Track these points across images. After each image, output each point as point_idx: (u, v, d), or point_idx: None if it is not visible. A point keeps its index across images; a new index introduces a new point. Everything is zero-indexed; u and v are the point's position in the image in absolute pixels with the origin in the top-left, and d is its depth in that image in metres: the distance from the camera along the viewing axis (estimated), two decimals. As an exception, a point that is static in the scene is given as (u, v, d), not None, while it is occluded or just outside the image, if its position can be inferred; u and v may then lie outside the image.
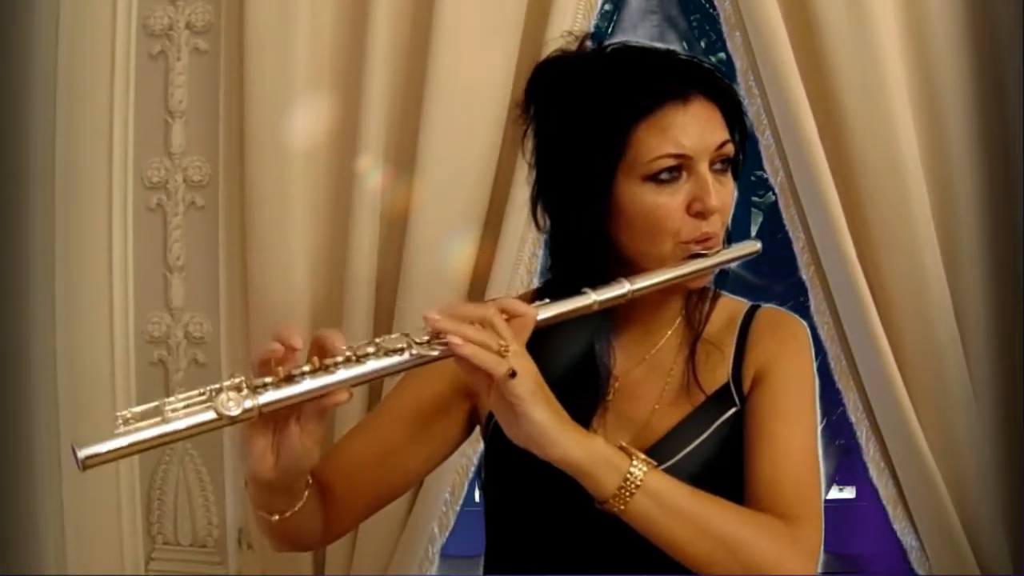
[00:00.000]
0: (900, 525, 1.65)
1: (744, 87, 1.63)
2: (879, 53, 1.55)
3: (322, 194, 1.67)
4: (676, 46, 1.84)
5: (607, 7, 1.87)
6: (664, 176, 1.02)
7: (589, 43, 1.09)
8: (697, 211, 1.03)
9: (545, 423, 0.94)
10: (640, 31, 1.95)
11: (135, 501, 1.80)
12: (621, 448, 0.98)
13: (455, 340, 0.91)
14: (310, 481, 1.03)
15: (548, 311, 1.00)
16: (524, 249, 1.61)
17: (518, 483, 1.11)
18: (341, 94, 1.65)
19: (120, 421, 0.85)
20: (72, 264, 1.76)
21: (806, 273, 1.64)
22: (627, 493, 0.95)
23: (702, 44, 1.98)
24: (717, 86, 1.06)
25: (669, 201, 1.03)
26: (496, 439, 1.13)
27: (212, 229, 1.75)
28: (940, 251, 1.58)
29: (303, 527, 1.06)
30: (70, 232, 1.76)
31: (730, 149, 1.06)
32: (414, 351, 0.92)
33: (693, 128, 1.02)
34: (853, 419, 1.65)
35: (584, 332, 1.08)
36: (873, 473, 1.64)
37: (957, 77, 1.60)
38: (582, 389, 1.08)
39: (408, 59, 1.63)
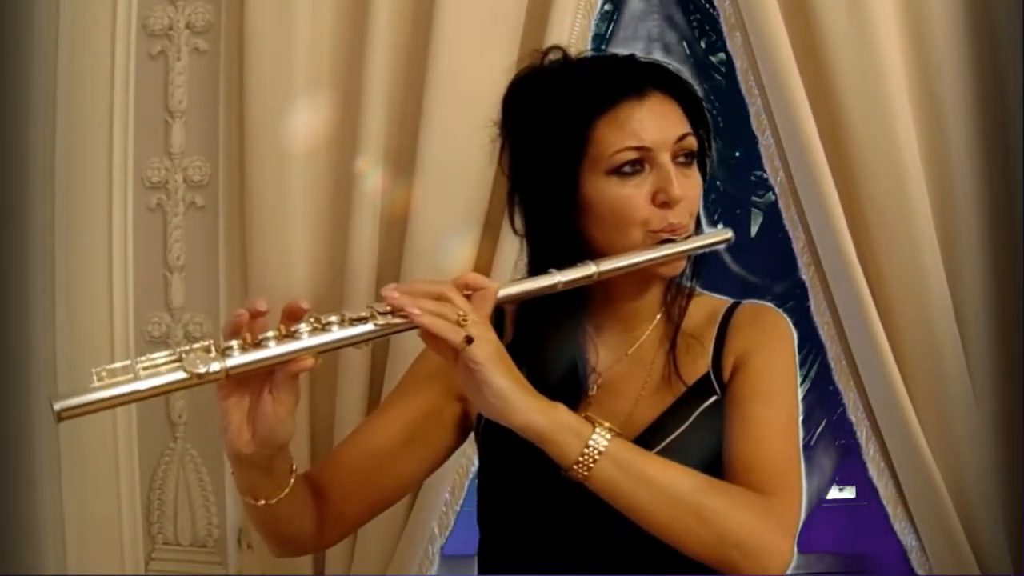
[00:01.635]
0: (900, 525, 1.65)
1: (744, 87, 1.63)
2: (879, 53, 1.55)
3: (322, 194, 1.67)
4: (676, 46, 1.84)
5: (607, 7, 1.87)
6: (627, 169, 1.06)
7: (554, 55, 1.13)
8: (662, 201, 1.06)
9: (505, 389, 0.96)
10: (640, 31, 1.95)
11: (135, 501, 1.80)
12: (586, 418, 0.99)
13: (413, 310, 0.94)
14: (294, 468, 1.05)
15: (512, 288, 1.02)
16: (524, 248, 1.60)
17: (509, 483, 1.12)
18: (341, 94, 1.65)
19: (95, 378, 0.89)
20: (72, 264, 1.76)
21: (806, 273, 1.64)
22: (590, 459, 0.97)
23: (702, 44, 1.97)
24: (674, 83, 1.10)
25: (634, 193, 1.06)
26: (487, 440, 1.15)
27: (212, 229, 1.75)
28: (940, 251, 1.58)
29: (293, 521, 1.08)
30: (70, 232, 1.76)
31: (692, 142, 1.09)
32: (379, 321, 0.95)
33: (650, 121, 1.06)
34: (853, 419, 1.65)
35: (566, 330, 1.10)
36: (873, 473, 1.64)
37: (957, 77, 1.60)
38: (565, 386, 1.09)
39: (408, 59, 1.63)
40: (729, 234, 1.13)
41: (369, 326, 0.95)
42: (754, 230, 2.00)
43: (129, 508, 1.79)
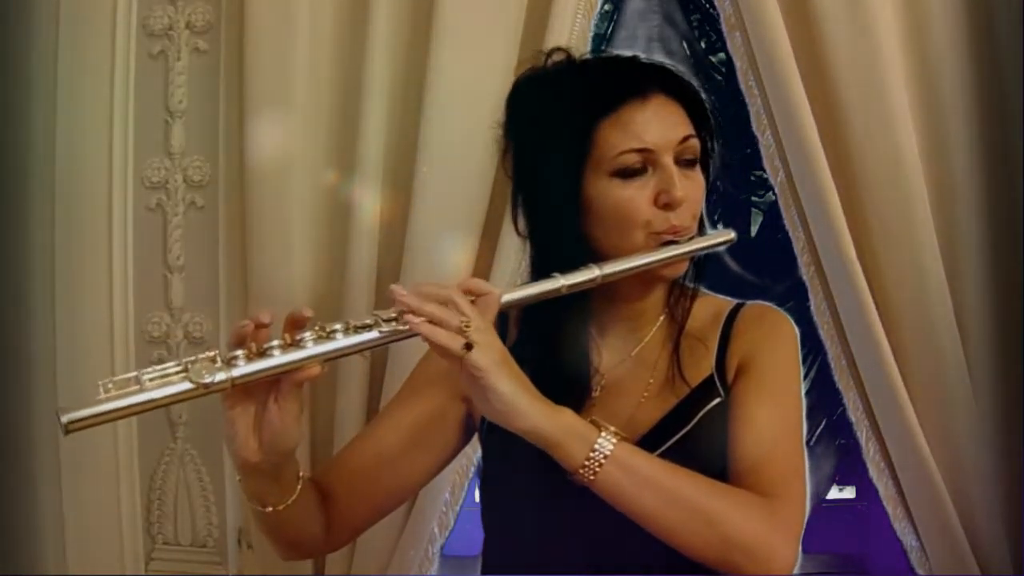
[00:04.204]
0: (900, 525, 1.65)
1: (744, 87, 1.63)
2: (879, 53, 1.55)
3: (322, 194, 1.67)
4: (676, 46, 1.84)
5: (607, 7, 1.87)
6: (630, 170, 1.06)
7: (557, 56, 1.13)
8: (664, 203, 1.06)
9: (510, 394, 0.96)
10: (640, 31, 1.95)
11: (135, 501, 1.80)
12: (592, 422, 0.99)
13: (412, 319, 0.94)
14: (301, 474, 1.05)
15: (515, 293, 1.02)
16: (524, 248, 1.60)
17: (513, 484, 1.12)
18: (341, 94, 1.65)
19: (102, 390, 0.89)
20: (72, 264, 1.76)
21: (806, 273, 1.64)
22: (595, 464, 0.97)
23: (702, 44, 1.97)
24: (678, 85, 1.10)
25: (637, 194, 1.06)
26: (491, 441, 1.15)
27: (212, 229, 1.75)
28: (940, 251, 1.58)
29: (301, 526, 1.08)
30: (70, 232, 1.76)
31: (694, 144, 1.09)
32: (383, 328, 0.95)
33: (653, 123, 1.06)
34: (853, 419, 1.65)
35: (570, 331, 1.10)
36: (873, 473, 1.64)
37: (957, 77, 1.60)
38: (569, 388, 1.08)
39: (408, 59, 1.63)
40: (732, 235, 1.13)
41: (374, 333, 0.95)
42: (754, 230, 2.00)
43: (129, 508, 1.79)
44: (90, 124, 1.75)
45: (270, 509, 1.03)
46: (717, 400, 1.10)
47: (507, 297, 1.01)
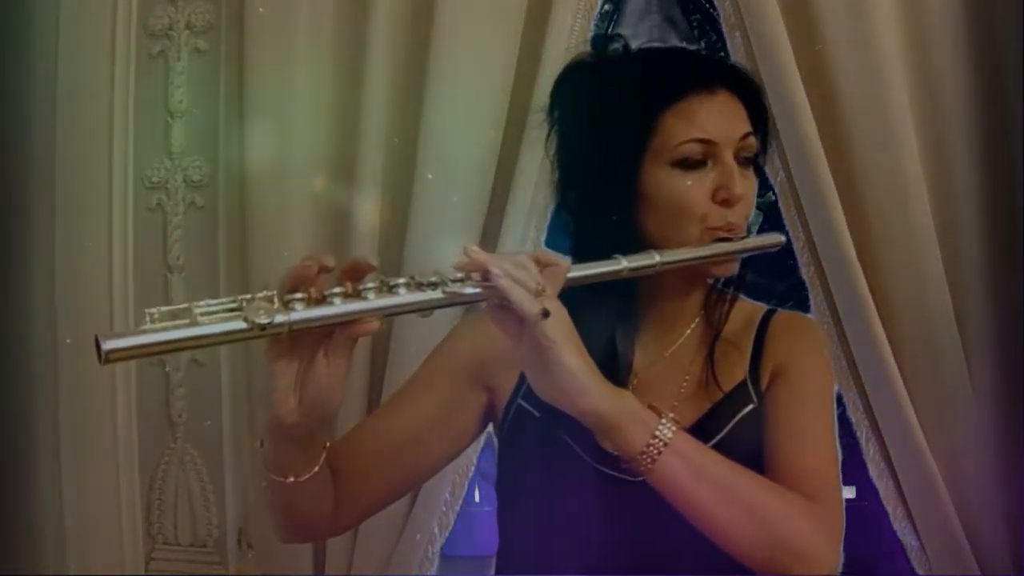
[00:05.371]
0: (900, 525, 1.65)
1: (744, 87, 1.63)
2: (879, 53, 1.55)
3: (321, 195, 1.67)
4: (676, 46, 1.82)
5: (607, 7, 1.87)
6: (690, 162, 1.05)
7: (615, 45, 1.11)
8: (722, 198, 1.05)
9: (577, 370, 0.91)
10: (640, 31, 1.95)
11: (135, 501, 1.80)
12: (650, 407, 0.96)
13: (495, 270, 0.88)
14: (327, 444, 1.00)
15: (580, 270, 0.98)
16: (525, 248, 1.61)
17: (531, 484, 1.11)
18: (341, 94, 1.65)
19: (148, 319, 0.80)
20: (72, 264, 1.76)
21: (806, 273, 1.64)
22: (654, 451, 0.93)
23: (702, 44, 1.97)
24: (743, 82, 1.09)
25: (695, 187, 1.05)
26: (511, 434, 1.12)
27: (212, 229, 1.75)
28: (940, 251, 1.58)
29: (315, 502, 1.03)
30: (70, 232, 1.76)
31: (753, 143, 1.08)
32: (448, 288, 0.88)
33: (718, 116, 1.05)
34: (853, 419, 1.65)
35: (607, 328, 1.07)
36: (873, 473, 1.64)
37: (957, 77, 1.59)
38: None
39: (408, 59, 1.63)
40: (781, 238, 1.13)
41: (438, 293, 0.88)
42: (754, 230, 1.99)
43: (129, 508, 1.79)
44: (90, 124, 1.75)
45: (291, 480, 0.97)
46: (751, 407, 1.09)
47: (572, 273, 0.96)
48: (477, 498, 1.80)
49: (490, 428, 1.18)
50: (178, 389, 1.76)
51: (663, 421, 0.94)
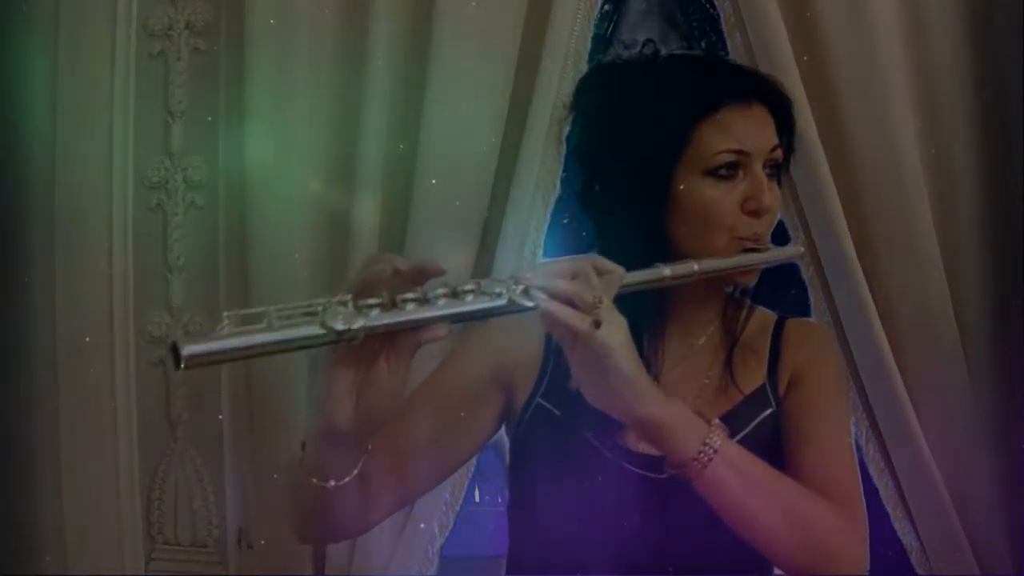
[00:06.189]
0: (900, 525, 1.65)
1: (744, 87, 1.63)
2: (879, 53, 1.55)
3: (322, 195, 1.67)
4: (676, 46, 1.83)
5: (607, 7, 1.87)
6: (723, 172, 1.06)
7: (647, 49, 1.13)
8: (751, 209, 1.07)
9: (633, 377, 0.92)
10: (640, 31, 1.95)
11: (135, 501, 1.80)
12: (697, 414, 0.97)
13: (540, 296, 0.89)
14: (368, 448, 0.98)
15: (629, 276, 0.97)
16: (525, 248, 1.61)
17: (543, 484, 1.11)
18: (341, 94, 1.65)
19: (225, 321, 0.79)
20: (72, 264, 1.76)
21: (806, 273, 1.64)
22: (705, 458, 0.94)
23: (702, 44, 1.97)
24: (775, 96, 1.11)
25: (726, 197, 1.07)
26: (528, 433, 1.13)
27: (212, 229, 1.75)
28: (940, 251, 1.58)
29: (351, 504, 1.00)
30: (70, 232, 1.76)
31: (779, 155, 1.10)
32: (512, 297, 0.88)
33: (753, 128, 1.07)
34: (853, 419, 1.65)
35: (632, 334, 1.06)
36: (873, 473, 1.64)
37: (957, 77, 1.59)
38: None
39: (408, 58, 1.63)
40: (802, 249, 1.17)
41: (504, 300, 0.87)
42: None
43: (129, 508, 1.79)
44: (90, 124, 1.75)
45: (332, 483, 0.93)
46: (769, 411, 1.11)
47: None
48: (477, 498, 1.80)
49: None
50: (178, 389, 1.76)
51: (713, 429, 0.96)
